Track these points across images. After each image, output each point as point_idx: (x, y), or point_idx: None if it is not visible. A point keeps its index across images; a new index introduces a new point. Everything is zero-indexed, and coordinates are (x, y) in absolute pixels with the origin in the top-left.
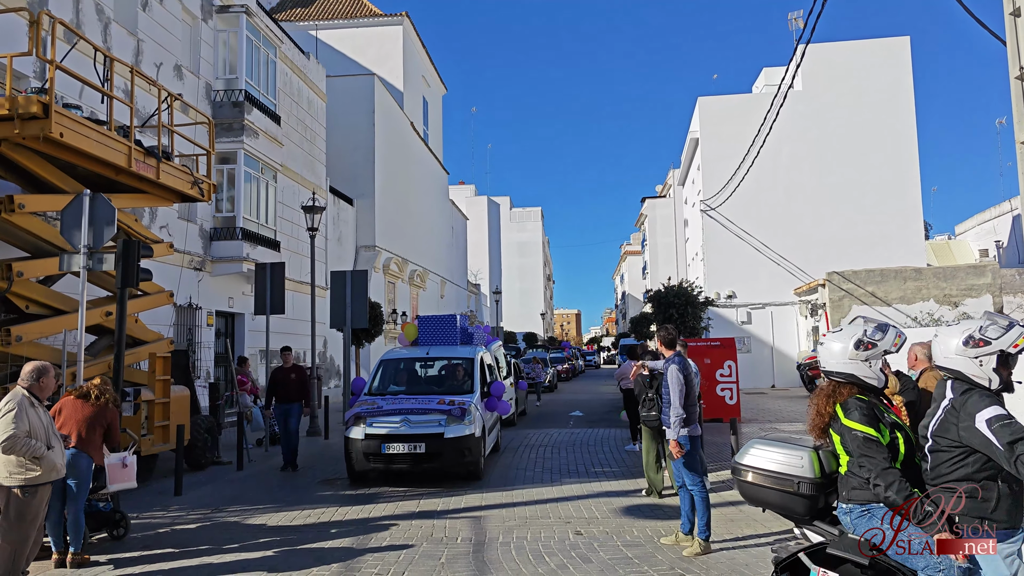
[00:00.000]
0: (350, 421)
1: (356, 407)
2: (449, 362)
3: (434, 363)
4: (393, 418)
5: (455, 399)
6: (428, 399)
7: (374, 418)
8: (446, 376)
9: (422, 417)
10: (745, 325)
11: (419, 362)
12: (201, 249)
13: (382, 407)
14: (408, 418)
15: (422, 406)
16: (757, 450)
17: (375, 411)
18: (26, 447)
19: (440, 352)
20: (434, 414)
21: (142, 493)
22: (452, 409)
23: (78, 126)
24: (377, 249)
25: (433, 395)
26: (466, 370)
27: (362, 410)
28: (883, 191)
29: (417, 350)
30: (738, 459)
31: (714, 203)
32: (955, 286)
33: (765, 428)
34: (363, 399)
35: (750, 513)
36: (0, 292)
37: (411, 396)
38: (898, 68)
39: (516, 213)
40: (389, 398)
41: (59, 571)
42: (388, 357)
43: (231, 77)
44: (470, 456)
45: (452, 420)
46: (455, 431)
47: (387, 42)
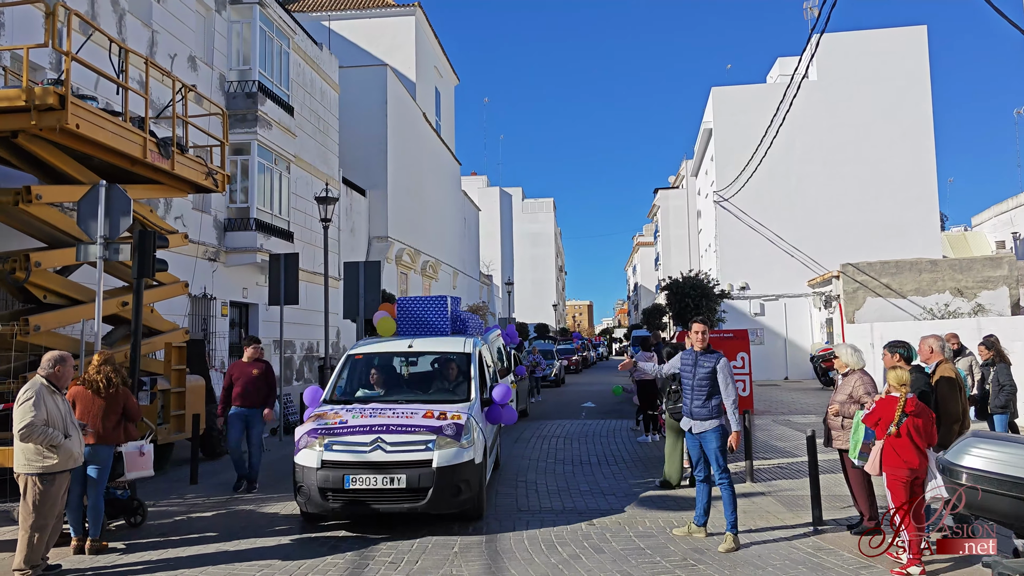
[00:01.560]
0: (300, 441)
1: (309, 421)
2: (439, 358)
3: (419, 359)
4: (361, 438)
5: (447, 410)
6: (411, 410)
7: (334, 438)
8: (435, 377)
9: (403, 437)
10: (758, 317)
11: (398, 357)
12: (215, 240)
13: (346, 421)
14: (382, 438)
15: (402, 421)
16: (981, 450)
17: (336, 428)
18: (43, 435)
19: (427, 344)
20: (419, 432)
21: (159, 481)
22: (444, 426)
23: (94, 117)
24: (390, 240)
25: (418, 404)
26: (461, 369)
27: (318, 426)
28: (899, 182)
29: (396, 341)
30: (953, 459)
31: (727, 194)
32: (971, 278)
33: (778, 420)
34: (321, 409)
35: (762, 505)
36: (18, 282)
37: (387, 405)
38: (915, 57)
39: (528, 204)
40: (357, 408)
41: (78, 557)
42: (357, 351)
43: (245, 68)
44: (467, 491)
45: (444, 442)
46: (448, 458)
47: (399, 33)
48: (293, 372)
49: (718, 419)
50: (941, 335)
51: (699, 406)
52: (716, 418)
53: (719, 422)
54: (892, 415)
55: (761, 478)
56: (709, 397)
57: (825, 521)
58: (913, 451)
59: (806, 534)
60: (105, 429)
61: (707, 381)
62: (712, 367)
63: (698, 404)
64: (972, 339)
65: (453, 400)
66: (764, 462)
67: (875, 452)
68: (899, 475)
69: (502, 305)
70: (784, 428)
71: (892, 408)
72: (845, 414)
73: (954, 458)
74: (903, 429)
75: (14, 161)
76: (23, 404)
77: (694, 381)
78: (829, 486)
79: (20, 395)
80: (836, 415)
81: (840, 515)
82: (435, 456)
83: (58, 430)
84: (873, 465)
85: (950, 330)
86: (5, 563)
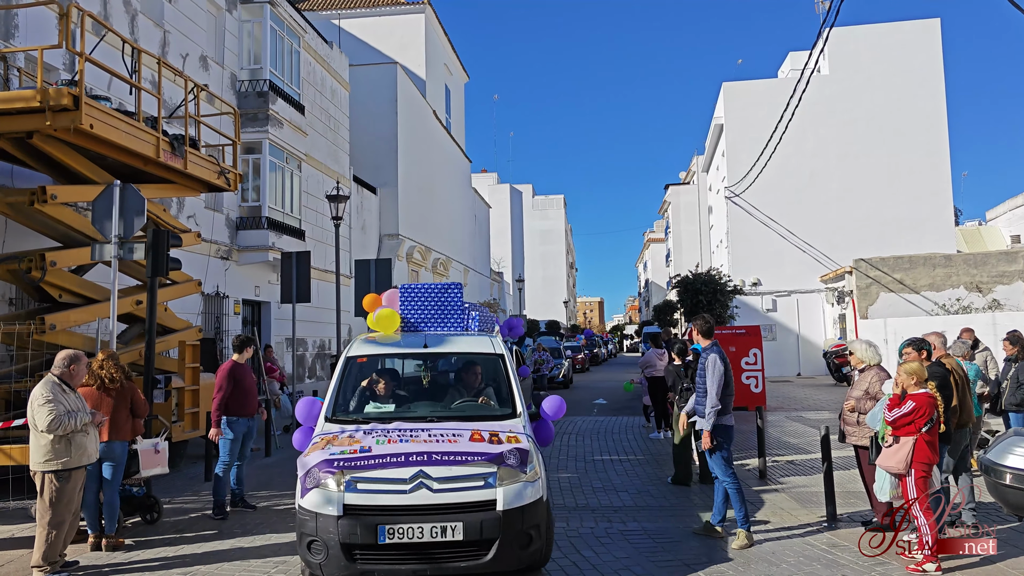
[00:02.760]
0: (307, 477)
1: (318, 449)
2: (463, 361)
3: (439, 363)
4: (397, 472)
5: (497, 430)
6: (451, 431)
7: (359, 472)
8: (460, 385)
9: (453, 470)
10: (770, 313)
11: (414, 361)
12: (227, 238)
13: (369, 449)
14: (426, 472)
15: (447, 447)
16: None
17: (358, 459)
18: (71, 420)
19: (446, 344)
20: (474, 463)
21: (173, 478)
22: (505, 453)
23: (108, 117)
24: (400, 238)
25: (455, 422)
26: (493, 374)
27: (332, 456)
28: (912, 176)
29: (407, 340)
30: (995, 459)
31: (739, 189)
32: (986, 273)
33: (792, 416)
34: (326, 430)
35: (776, 501)
36: (34, 281)
37: (416, 425)
38: (928, 51)
39: (539, 201)
40: (377, 429)
41: (95, 553)
42: (358, 351)
43: (256, 67)
44: (538, 541)
45: (508, 474)
46: (515, 496)
47: (409, 30)
48: (305, 370)
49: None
50: (941, 332)
51: (698, 403)
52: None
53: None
54: (931, 412)
55: (774, 475)
56: (705, 395)
57: (839, 517)
58: (938, 447)
59: (820, 531)
60: (116, 425)
61: (702, 379)
62: (703, 363)
63: (698, 402)
64: (987, 334)
65: (494, 415)
66: (777, 458)
67: (904, 450)
68: (927, 472)
69: (513, 302)
70: (797, 424)
71: (932, 404)
72: (861, 410)
73: (997, 458)
74: (936, 425)
75: (29, 161)
76: (43, 404)
77: (698, 379)
78: (843, 482)
79: (36, 395)
80: (852, 411)
81: (854, 511)
82: (499, 494)
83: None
84: (902, 463)
85: (965, 325)
86: (24, 560)
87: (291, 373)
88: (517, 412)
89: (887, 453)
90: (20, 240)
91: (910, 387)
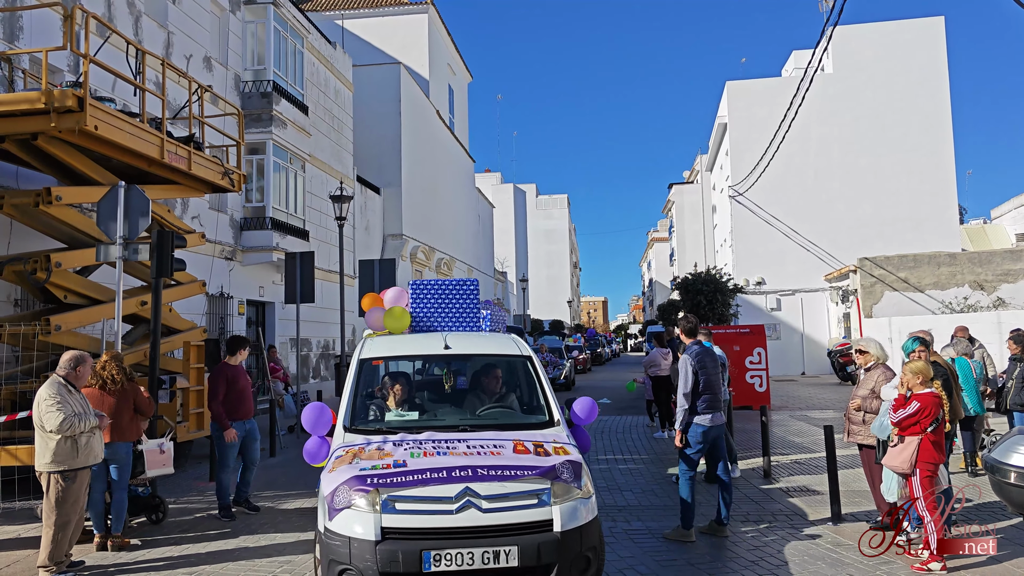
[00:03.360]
0: (336, 496)
1: (344, 463)
2: (489, 363)
3: (462, 365)
4: (439, 489)
5: (542, 440)
6: (491, 441)
7: (396, 490)
8: (485, 389)
9: (503, 486)
10: (775, 312)
11: (434, 363)
12: (232, 239)
13: (404, 463)
14: (472, 489)
15: (491, 460)
16: None
17: (394, 475)
18: (81, 421)
19: (467, 344)
20: (526, 478)
21: (178, 479)
22: (558, 466)
23: (112, 119)
24: (404, 238)
25: (491, 431)
26: (523, 378)
27: (363, 472)
28: (916, 174)
29: (424, 340)
30: (1000, 457)
31: (742, 188)
32: (991, 271)
33: (796, 416)
34: (349, 442)
35: (780, 501)
36: (39, 282)
37: (450, 435)
38: (932, 49)
39: (542, 200)
40: (408, 440)
41: (100, 553)
42: (372, 353)
43: (259, 68)
44: (595, 564)
45: (562, 490)
46: (572, 515)
47: (412, 30)
48: (310, 370)
49: (691, 417)
50: (927, 330)
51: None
52: (691, 415)
53: (691, 420)
54: (937, 411)
55: (779, 474)
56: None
57: (844, 516)
58: (944, 446)
59: (825, 530)
60: (120, 426)
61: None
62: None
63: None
64: (992, 333)
65: (530, 424)
66: (781, 458)
67: (909, 450)
68: (934, 470)
69: (516, 302)
70: (802, 424)
71: (937, 404)
72: (867, 409)
73: (1001, 456)
74: (941, 425)
75: (34, 163)
76: (52, 405)
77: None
78: (848, 481)
79: (43, 396)
80: (858, 410)
81: (859, 510)
82: (555, 513)
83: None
84: (908, 463)
85: (970, 324)
86: (30, 560)
87: (295, 373)
88: (555, 420)
89: (892, 452)
90: (25, 241)
91: (916, 386)
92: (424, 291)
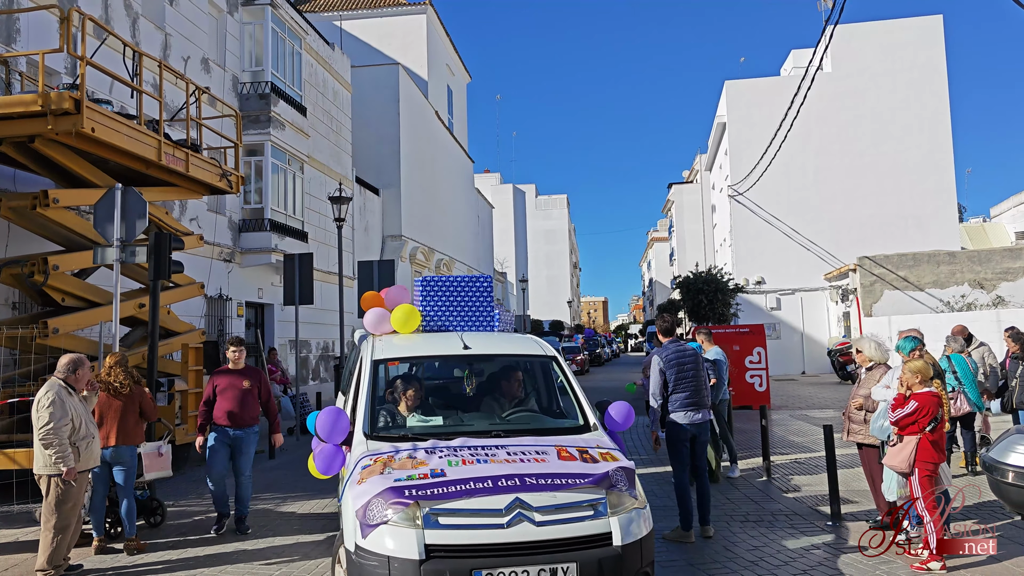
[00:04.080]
0: (368, 509)
1: (375, 474)
2: (511, 364)
3: (483, 367)
4: (486, 500)
5: (585, 446)
6: (532, 448)
7: (439, 503)
8: (508, 392)
9: (556, 496)
10: (774, 311)
11: (453, 364)
12: (230, 241)
13: (442, 472)
14: (522, 499)
15: (538, 468)
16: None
17: (434, 486)
18: (61, 447)
19: (488, 344)
20: (578, 487)
21: (177, 481)
22: (612, 473)
23: (109, 121)
24: (404, 239)
25: (529, 436)
26: (550, 380)
27: (400, 483)
28: (915, 173)
29: (439, 340)
30: (998, 456)
31: (742, 188)
32: (990, 269)
33: (796, 415)
34: (375, 449)
35: (780, 500)
36: (37, 285)
37: (486, 441)
38: (931, 47)
39: (542, 201)
40: (440, 447)
41: (99, 557)
42: (386, 354)
43: (257, 69)
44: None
45: (618, 500)
46: (630, 526)
47: (411, 31)
48: (309, 372)
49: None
50: (917, 327)
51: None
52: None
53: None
54: (935, 410)
55: (778, 473)
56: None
57: (844, 516)
58: (943, 445)
59: (825, 530)
60: (126, 429)
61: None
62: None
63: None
64: (992, 331)
65: (564, 428)
66: (781, 457)
67: (907, 449)
68: (933, 470)
69: (516, 303)
70: (802, 423)
71: (935, 403)
72: (869, 408)
73: (999, 456)
74: (940, 423)
75: (31, 165)
76: (44, 408)
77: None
78: (847, 481)
79: (40, 397)
80: (859, 409)
81: (859, 510)
82: (613, 525)
83: (78, 431)
84: (906, 462)
85: (969, 323)
86: (28, 563)
87: (295, 375)
88: (590, 424)
89: (892, 452)
90: (23, 244)
91: (915, 385)
92: (435, 288)
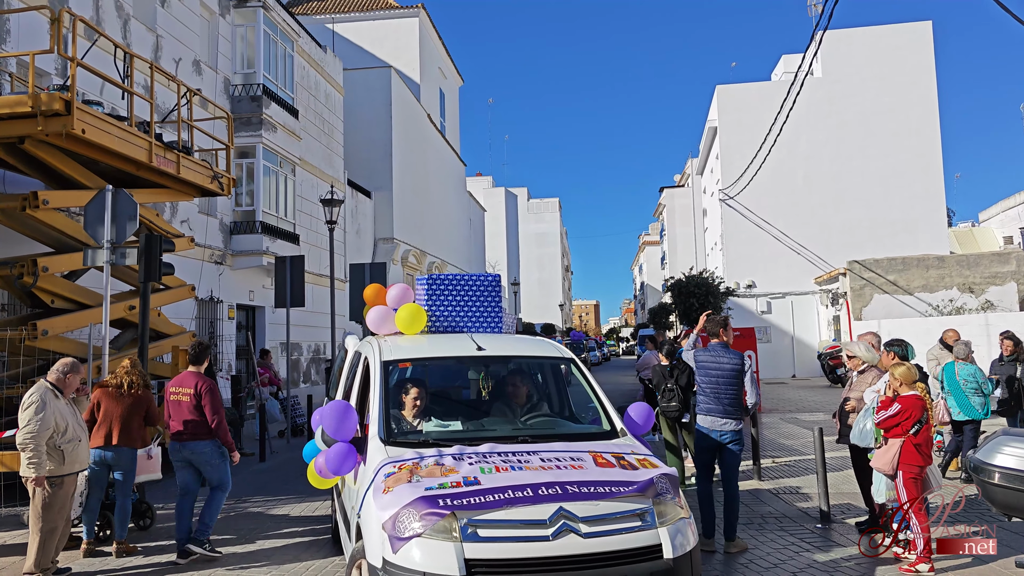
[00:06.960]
0: (397, 520)
1: (402, 482)
2: (526, 366)
3: (499, 369)
4: (528, 510)
5: (619, 452)
6: (568, 455)
7: (477, 513)
8: (522, 397)
9: (601, 505)
10: (765, 315)
11: (468, 366)
12: (221, 243)
13: (476, 480)
14: (566, 509)
15: (578, 475)
16: (1013, 448)
17: (470, 495)
18: (36, 452)
19: (502, 346)
20: (624, 496)
21: (167, 484)
22: (657, 480)
23: (99, 122)
24: (395, 241)
25: (558, 442)
26: (571, 383)
27: (433, 491)
28: (905, 178)
29: (450, 341)
30: (984, 458)
31: (733, 192)
32: (979, 274)
33: (786, 418)
34: (396, 459)
35: (770, 503)
36: (26, 287)
37: (515, 447)
38: (920, 53)
39: (534, 204)
40: (467, 453)
41: (88, 560)
42: (396, 355)
43: (249, 71)
44: None
45: (665, 510)
46: (679, 537)
47: (403, 34)
48: (300, 374)
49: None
50: (878, 332)
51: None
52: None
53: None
54: (919, 413)
55: (769, 476)
56: (705, 395)
57: (834, 518)
58: (928, 449)
59: (815, 532)
60: (129, 431)
61: (707, 380)
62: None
63: (698, 402)
64: (980, 335)
65: (591, 434)
66: (773, 460)
67: (891, 452)
68: (917, 473)
69: (508, 306)
70: (792, 426)
71: (919, 407)
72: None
73: (986, 457)
74: (925, 427)
75: (21, 166)
76: (28, 409)
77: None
78: (837, 483)
79: (25, 399)
80: (852, 411)
81: (849, 512)
82: (663, 536)
83: (64, 434)
84: (889, 464)
85: (958, 326)
86: (16, 567)
87: (286, 378)
88: (617, 429)
89: (878, 454)
90: (12, 246)
91: (900, 388)
92: (441, 287)
